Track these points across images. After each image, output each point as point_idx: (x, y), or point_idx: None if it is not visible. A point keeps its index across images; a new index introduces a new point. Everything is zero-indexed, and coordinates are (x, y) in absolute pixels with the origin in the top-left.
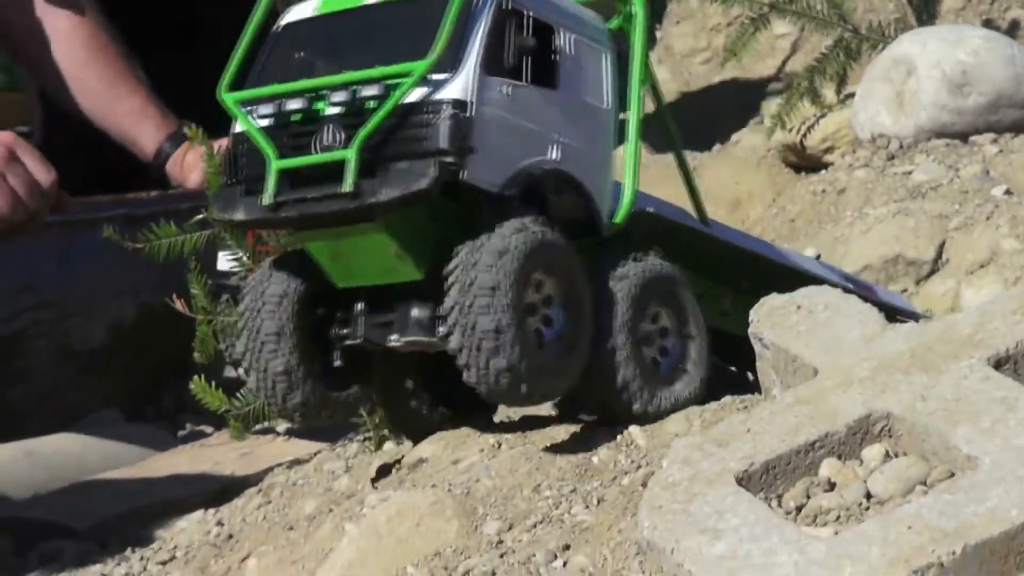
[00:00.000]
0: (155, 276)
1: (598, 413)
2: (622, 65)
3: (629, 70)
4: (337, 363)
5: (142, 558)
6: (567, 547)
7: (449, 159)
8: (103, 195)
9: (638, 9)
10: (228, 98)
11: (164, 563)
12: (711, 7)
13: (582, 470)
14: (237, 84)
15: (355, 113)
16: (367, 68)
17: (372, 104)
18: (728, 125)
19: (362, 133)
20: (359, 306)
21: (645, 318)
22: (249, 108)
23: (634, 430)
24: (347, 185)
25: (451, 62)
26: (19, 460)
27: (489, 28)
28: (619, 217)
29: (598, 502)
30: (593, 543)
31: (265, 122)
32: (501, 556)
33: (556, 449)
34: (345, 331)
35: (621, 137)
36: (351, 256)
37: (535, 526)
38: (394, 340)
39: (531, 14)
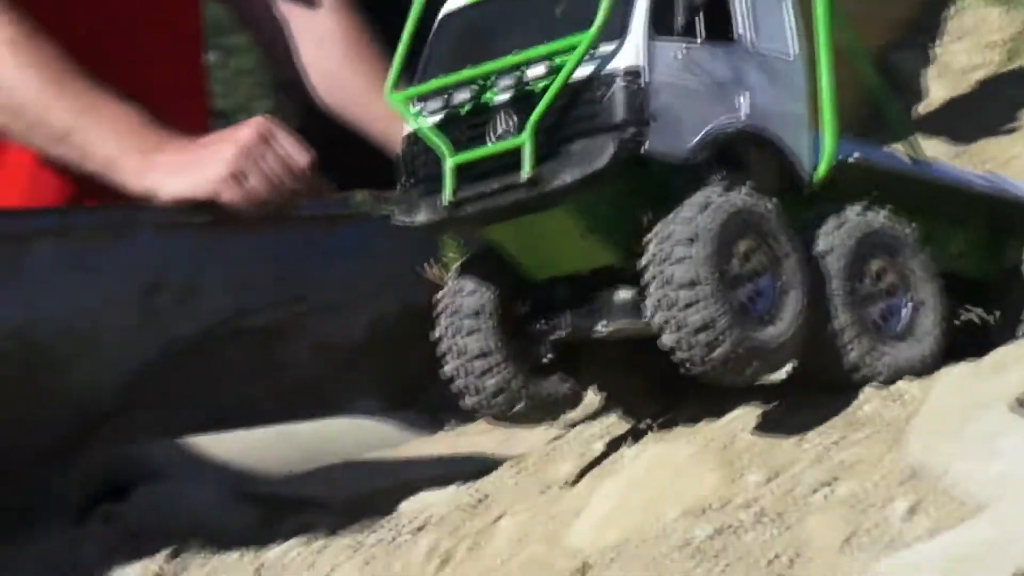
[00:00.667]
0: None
1: (823, 384)
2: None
3: (813, 12)
4: (545, 359)
5: (394, 527)
6: (834, 479)
7: (627, 133)
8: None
9: None
10: (395, 98)
11: (416, 531)
12: (989, 22)
13: (847, 421)
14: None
15: (525, 97)
16: (531, 45)
17: (541, 85)
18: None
19: (534, 117)
20: (561, 297)
21: (864, 277)
22: (419, 106)
23: (904, 384)
24: (525, 173)
25: (618, 29)
26: (274, 442)
27: None
28: (822, 170)
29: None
30: (859, 475)
31: (436, 118)
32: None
33: (820, 403)
34: (549, 325)
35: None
36: (542, 245)
37: (798, 473)
38: (601, 329)
39: None
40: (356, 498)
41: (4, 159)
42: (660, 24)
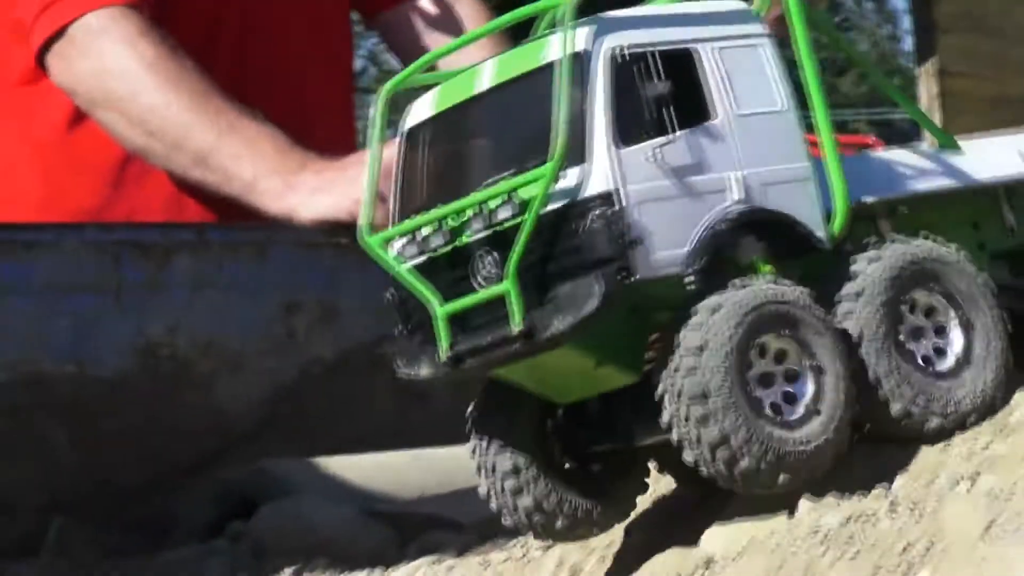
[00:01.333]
0: None
1: (876, 435)
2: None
3: (795, 55)
4: (581, 471)
5: (524, 544)
6: (976, 474)
7: (612, 268)
8: None
9: None
10: (371, 243)
11: (546, 548)
12: None
13: (997, 428)
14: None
15: (501, 235)
16: (497, 172)
17: (511, 224)
18: None
19: (511, 265)
20: (592, 409)
21: (903, 316)
22: (399, 245)
23: None
24: (515, 325)
25: (580, 149)
26: (409, 465)
27: (611, 92)
28: (837, 226)
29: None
30: (1003, 471)
31: (417, 260)
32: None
33: None
34: (583, 438)
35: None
36: (555, 380)
37: (939, 468)
38: (637, 441)
39: (657, 50)
40: (486, 519)
41: (145, 181)
42: (626, 130)
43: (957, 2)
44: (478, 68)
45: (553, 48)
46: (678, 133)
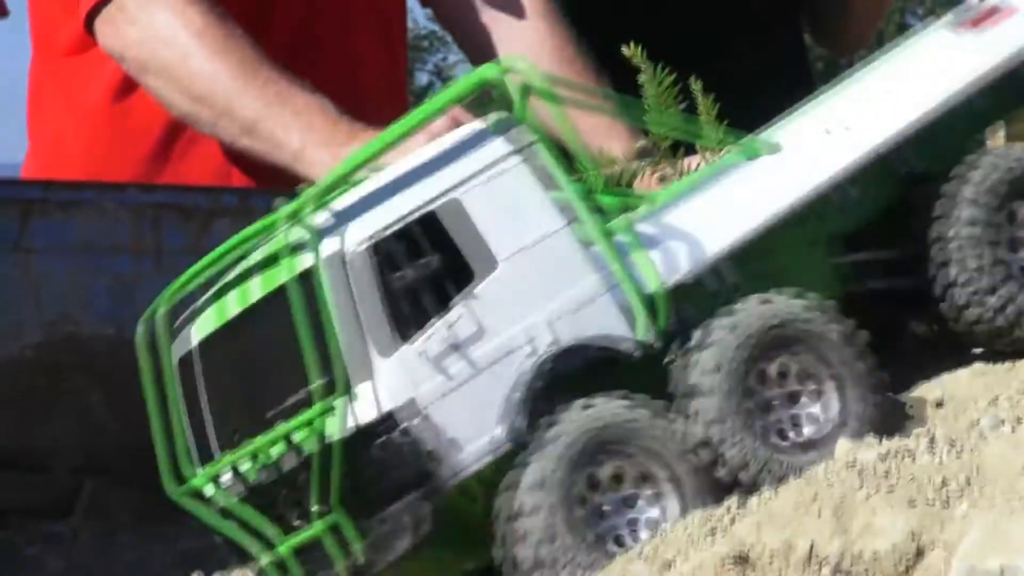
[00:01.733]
0: None
1: None
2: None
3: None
4: None
5: None
6: (1018, 419)
7: (426, 484)
8: None
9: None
10: (177, 494)
11: None
12: None
13: None
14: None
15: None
16: (278, 404)
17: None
18: None
19: (315, 511)
20: None
21: (762, 385)
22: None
23: None
24: (339, 570)
25: (360, 364)
26: None
27: (376, 290)
28: (661, 325)
29: None
30: None
31: (236, 491)
32: None
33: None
34: None
35: None
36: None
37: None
38: None
39: (411, 226)
40: None
41: (192, 151)
42: (402, 325)
43: None
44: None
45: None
46: (457, 301)
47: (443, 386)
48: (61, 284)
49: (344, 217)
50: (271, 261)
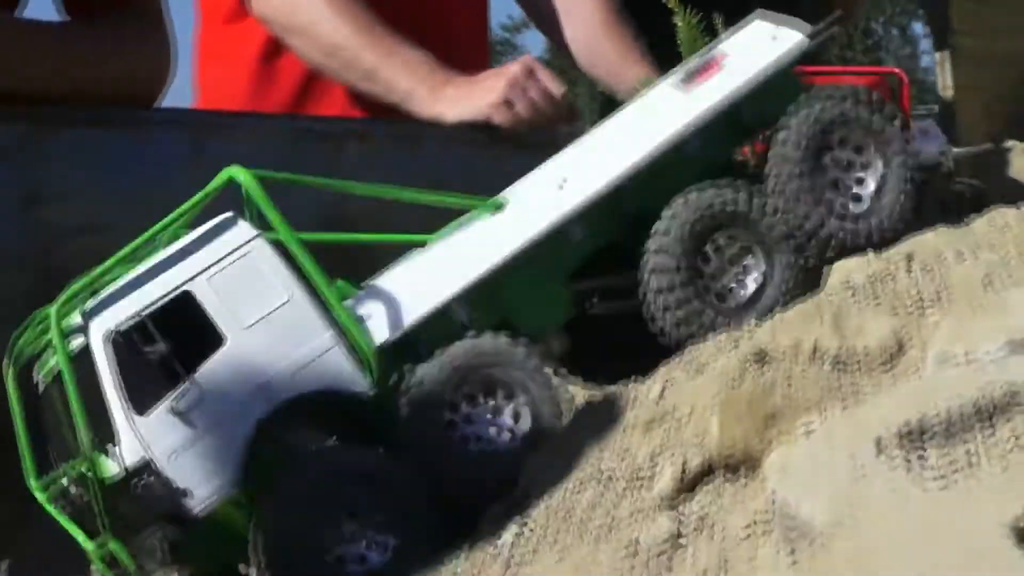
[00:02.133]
0: None
1: None
2: None
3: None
4: None
5: None
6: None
7: (166, 530)
8: None
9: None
10: (39, 493)
11: None
12: None
13: None
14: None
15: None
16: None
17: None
18: None
19: (88, 548)
20: None
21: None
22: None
23: None
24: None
25: (113, 428)
26: None
27: (115, 371)
28: (376, 376)
29: None
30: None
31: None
32: None
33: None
34: None
35: None
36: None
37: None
38: None
39: (147, 313)
40: None
41: (324, 96)
42: (139, 400)
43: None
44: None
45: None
46: (191, 378)
47: (178, 444)
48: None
49: (96, 309)
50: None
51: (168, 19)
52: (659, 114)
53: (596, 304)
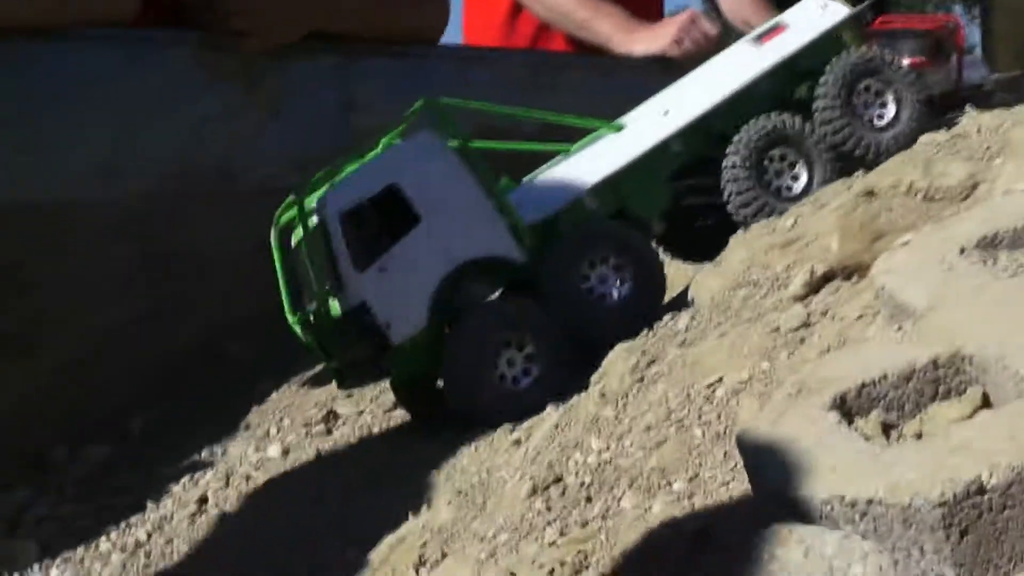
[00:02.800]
0: None
1: None
2: None
3: None
4: None
5: None
6: None
7: (377, 346)
8: None
9: None
10: (293, 323)
11: None
12: None
13: None
14: None
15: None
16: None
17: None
18: None
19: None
20: None
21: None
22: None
23: None
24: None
25: (342, 279)
26: None
27: (342, 241)
28: (520, 250)
29: None
30: None
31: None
32: None
33: None
34: None
35: None
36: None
37: None
38: None
39: (367, 197)
40: None
41: (550, 40)
42: (359, 259)
43: None
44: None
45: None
46: (395, 246)
47: (385, 290)
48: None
49: (331, 195)
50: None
51: None
52: (737, 63)
53: (689, 199)
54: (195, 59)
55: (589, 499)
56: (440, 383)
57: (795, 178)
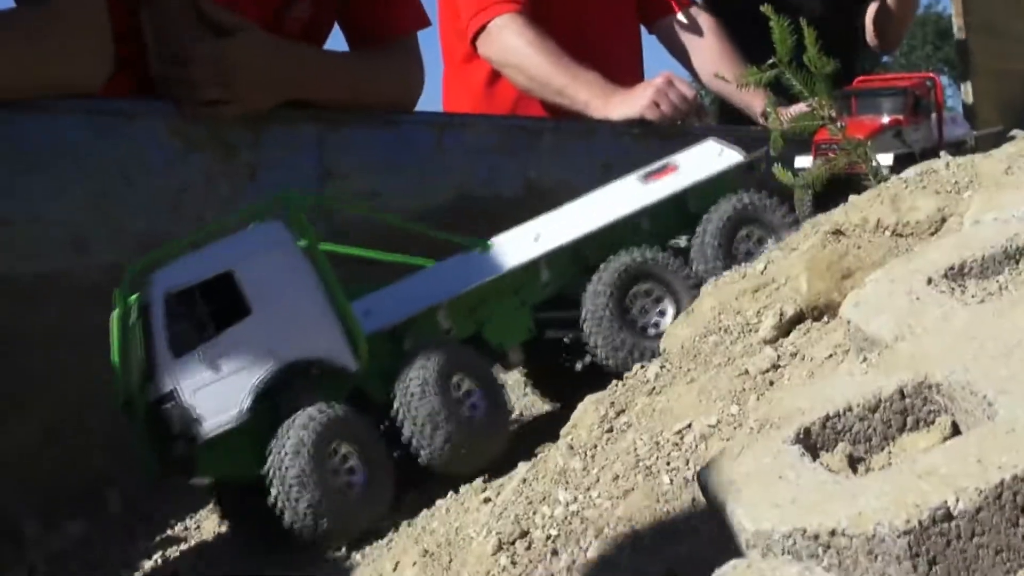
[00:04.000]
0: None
1: None
2: None
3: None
4: None
5: None
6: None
7: (183, 441)
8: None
9: None
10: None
11: None
12: None
13: None
14: None
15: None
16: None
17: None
18: None
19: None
20: None
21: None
22: None
23: None
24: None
25: (157, 365)
26: None
27: (162, 322)
28: (362, 353)
29: None
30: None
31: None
32: None
33: None
34: None
35: None
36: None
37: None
38: None
39: (196, 281)
40: None
41: (528, 107)
42: (178, 346)
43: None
44: None
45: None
46: (219, 336)
47: (195, 385)
48: (461, 169)
49: (160, 275)
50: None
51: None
52: (619, 197)
53: (555, 332)
54: (168, 129)
55: (555, 552)
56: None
57: (662, 313)
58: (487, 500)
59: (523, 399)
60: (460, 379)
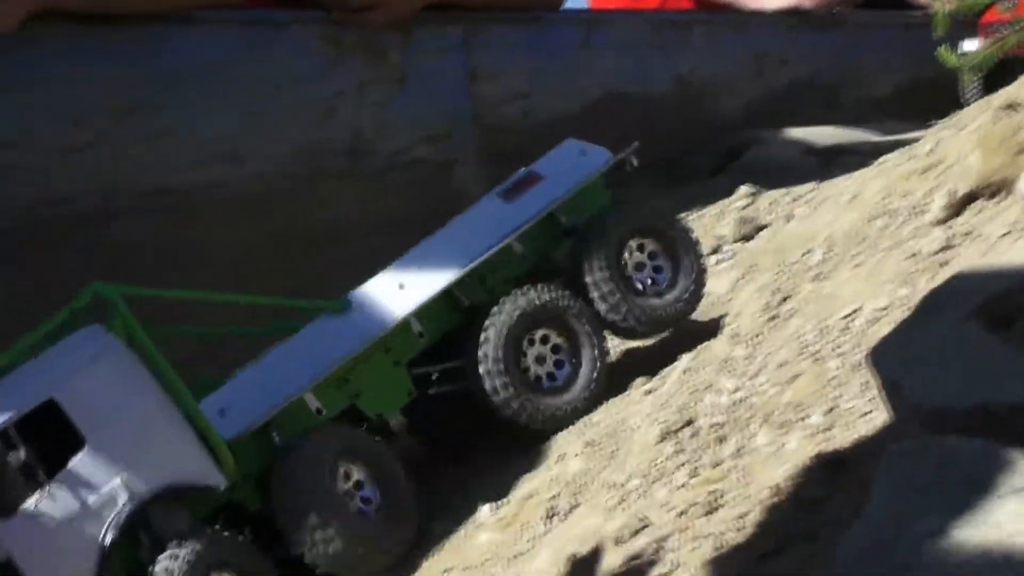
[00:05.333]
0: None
1: None
2: None
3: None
4: None
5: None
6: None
7: None
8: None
9: None
10: None
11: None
12: None
13: None
14: None
15: None
16: None
17: None
18: None
19: None
20: None
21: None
22: None
23: None
24: None
25: None
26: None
27: None
28: (230, 467)
29: None
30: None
31: None
32: None
33: None
34: None
35: None
36: None
37: None
38: None
39: (13, 419)
40: (884, 144)
41: None
42: (4, 503)
43: None
44: None
45: None
46: (50, 482)
47: (30, 547)
48: (610, 66)
49: None
50: None
51: None
52: (485, 224)
53: (435, 386)
54: (318, 37)
55: (721, 439)
56: None
57: (559, 364)
58: (649, 392)
59: None
60: (347, 469)
